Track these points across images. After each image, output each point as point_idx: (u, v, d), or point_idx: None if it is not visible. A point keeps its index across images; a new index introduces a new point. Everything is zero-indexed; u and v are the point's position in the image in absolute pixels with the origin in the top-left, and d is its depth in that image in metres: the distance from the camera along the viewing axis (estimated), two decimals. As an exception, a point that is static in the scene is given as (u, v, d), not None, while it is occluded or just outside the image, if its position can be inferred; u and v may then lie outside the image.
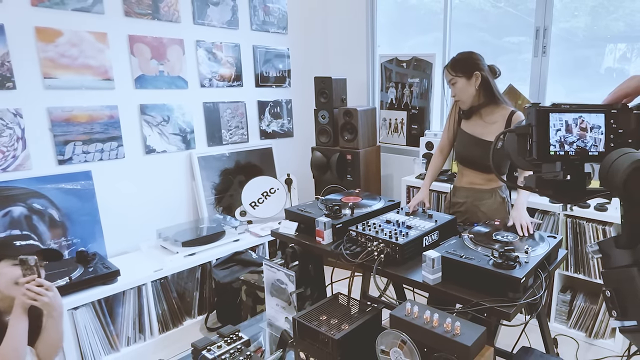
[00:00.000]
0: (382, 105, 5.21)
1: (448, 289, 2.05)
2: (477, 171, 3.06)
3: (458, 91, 2.96)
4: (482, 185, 3.06)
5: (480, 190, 3.07)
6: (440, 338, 1.67)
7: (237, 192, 4.63)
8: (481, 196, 3.06)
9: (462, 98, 2.97)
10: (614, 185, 1.02)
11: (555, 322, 3.74)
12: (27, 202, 3.39)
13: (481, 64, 2.94)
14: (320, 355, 2.00)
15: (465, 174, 3.15)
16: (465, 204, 3.13)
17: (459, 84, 2.93)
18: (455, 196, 3.21)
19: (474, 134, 3.01)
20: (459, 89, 2.95)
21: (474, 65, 2.91)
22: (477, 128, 3.02)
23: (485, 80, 2.92)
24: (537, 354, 2.16)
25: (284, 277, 2.62)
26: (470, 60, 2.94)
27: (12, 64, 3.28)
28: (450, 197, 3.29)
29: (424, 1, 4.89)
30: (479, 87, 2.92)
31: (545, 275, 2.10)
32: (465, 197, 3.13)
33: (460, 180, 3.19)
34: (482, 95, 2.95)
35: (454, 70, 2.94)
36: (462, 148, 3.10)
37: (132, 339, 3.52)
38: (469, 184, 3.12)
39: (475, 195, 3.09)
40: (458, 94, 2.97)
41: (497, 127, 2.93)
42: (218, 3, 4.47)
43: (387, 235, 2.35)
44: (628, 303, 1.02)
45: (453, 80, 2.94)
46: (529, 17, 4.08)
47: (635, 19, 3.62)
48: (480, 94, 2.95)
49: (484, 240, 2.31)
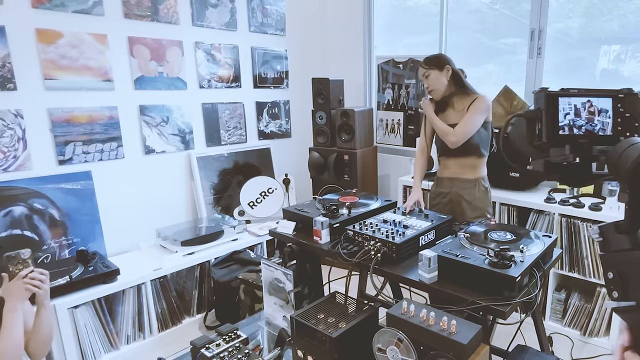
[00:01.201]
0: (379, 106, 5.20)
1: (444, 288, 2.05)
2: (458, 158, 3.17)
3: (431, 82, 3.13)
4: (465, 175, 3.17)
5: (463, 180, 3.17)
6: (436, 336, 1.67)
7: (235, 192, 4.62)
8: (464, 185, 3.17)
9: (435, 87, 3.14)
10: (622, 173, 1.06)
11: (550, 320, 3.74)
12: (28, 202, 3.38)
13: (451, 62, 3.15)
14: (318, 353, 2.00)
15: (448, 166, 3.25)
16: (450, 194, 3.22)
17: (432, 75, 3.11)
18: (439, 186, 3.31)
19: (449, 123, 3.13)
20: (432, 80, 3.12)
21: (445, 61, 3.13)
22: (450, 117, 3.18)
23: (455, 72, 3.14)
24: (532, 352, 2.16)
25: (282, 276, 2.62)
26: (442, 57, 3.18)
27: (13, 65, 3.27)
28: (433, 188, 3.38)
29: (420, 3, 4.89)
30: (450, 78, 3.11)
31: (540, 274, 2.09)
32: (449, 187, 3.23)
33: (443, 172, 3.29)
34: (452, 85, 3.14)
35: (427, 64, 3.14)
36: (439, 140, 3.22)
37: (131, 337, 3.51)
38: (452, 174, 3.22)
39: (458, 185, 3.18)
40: (431, 85, 3.14)
41: (464, 113, 3.10)
42: (217, 5, 4.46)
43: (383, 234, 2.35)
44: (630, 285, 1.04)
45: (427, 73, 3.13)
46: (524, 18, 4.08)
47: (629, 20, 3.62)
48: (451, 84, 3.13)
49: (479, 239, 2.31)
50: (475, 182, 3.14)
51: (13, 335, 2.11)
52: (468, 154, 3.12)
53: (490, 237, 2.35)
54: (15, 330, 2.13)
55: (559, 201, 3.52)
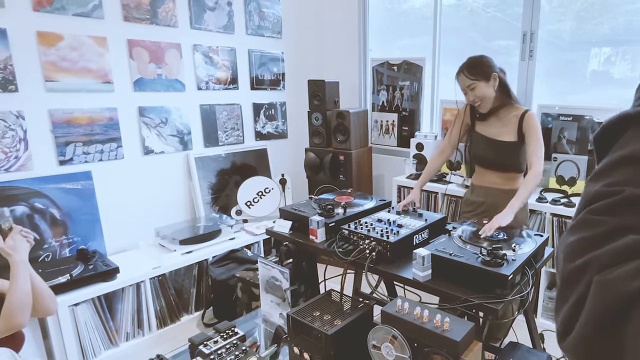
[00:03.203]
0: (374, 108, 5.20)
1: (438, 286, 2.05)
2: (495, 171, 3.04)
3: (479, 95, 2.87)
4: (501, 186, 3.03)
5: (500, 191, 3.03)
6: (430, 333, 1.66)
7: (233, 191, 4.62)
8: (499, 196, 2.99)
9: (483, 101, 2.90)
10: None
11: (541, 318, 3.74)
12: (29, 202, 3.37)
13: (495, 66, 2.90)
14: (314, 350, 1.99)
15: (484, 174, 3.12)
16: (485, 203, 3.09)
17: (479, 88, 2.85)
18: (474, 194, 3.18)
19: (489, 136, 2.99)
20: (480, 93, 2.87)
21: (490, 67, 2.87)
22: (492, 129, 2.99)
23: (502, 81, 2.90)
24: (524, 349, 2.16)
25: (278, 274, 2.61)
26: (487, 62, 2.90)
27: (14, 67, 3.26)
28: (467, 195, 3.26)
29: (414, 6, 4.89)
30: (497, 88, 2.89)
31: (532, 272, 2.09)
32: (484, 195, 3.10)
33: (479, 179, 3.16)
34: (500, 96, 2.92)
35: (472, 74, 2.85)
36: (478, 150, 3.08)
37: (131, 334, 3.50)
38: (489, 184, 3.09)
39: (495, 194, 3.05)
40: (479, 97, 2.89)
41: (511, 127, 2.92)
42: (214, 8, 4.46)
43: (378, 233, 2.34)
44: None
45: (472, 85, 2.85)
46: (516, 21, 4.09)
47: (619, 23, 3.63)
48: (499, 94, 2.92)
49: (472, 238, 2.30)
50: (510, 194, 2.87)
51: (27, 286, 2.19)
52: (507, 170, 3.00)
53: (482, 236, 2.35)
54: (28, 281, 2.21)
55: (550, 201, 3.52)
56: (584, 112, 3.73)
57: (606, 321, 0.50)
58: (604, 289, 0.50)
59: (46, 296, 2.36)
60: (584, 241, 0.56)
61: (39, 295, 2.30)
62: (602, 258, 0.52)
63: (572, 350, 0.55)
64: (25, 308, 2.15)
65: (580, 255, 0.55)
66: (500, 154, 2.96)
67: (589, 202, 0.58)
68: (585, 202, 0.59)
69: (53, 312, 2.49)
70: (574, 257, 0.56)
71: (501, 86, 2.91)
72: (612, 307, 0.49)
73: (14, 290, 2.14)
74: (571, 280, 0.55)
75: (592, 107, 3.72)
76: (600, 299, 0.50)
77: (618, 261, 0.50)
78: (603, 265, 0.51)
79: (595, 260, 0.53)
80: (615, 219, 0.54)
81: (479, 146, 3.07)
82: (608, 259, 0.51)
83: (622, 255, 0.50)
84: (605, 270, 0.51)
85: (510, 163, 2.97)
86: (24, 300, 2.14)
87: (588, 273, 0.53)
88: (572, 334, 0.54)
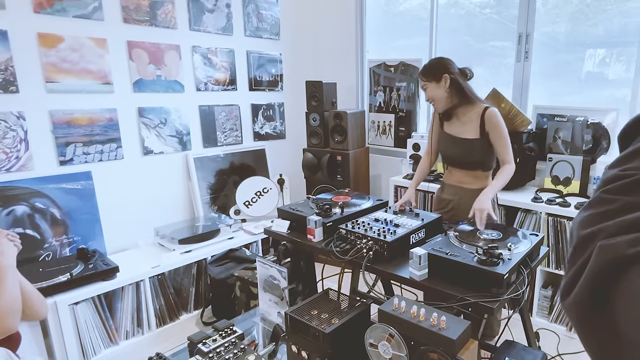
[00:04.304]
0: (371, 108, 5.20)
1: (434, 285, 2.05)
2: (461, 169, 3.06)
3: (430, 95, 2.96)
4: (469, 185, 3.04)
5: (468, 190, 3.04)
6: (426, 332, 1.67)
7: (231, 191, 4.62)
8: (469, 195, 3.01)
9: (435, 101, 2.97)
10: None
11: (537, 316, 3.74)
12: (30, 201, 3.37)
13: (451, 67, 2.92)
14: (311, 348, 1.99)
15: (453, 172, 3.13)
16: (453, 202, 3.10)
17: (429, 89, 2.93)
18: (444, 192, 3.19)
19: (453, 134, 3.02)
20: (430, 93, 2.95)
21: (442, 69, 2.90)
22: (455, 128, 3.03)
23: (455, 81, 2.90)
24: (519, 347, 2.16)
25: (276, 273, 2.61)
26: (439, 64, 2.94)
27: (15, 68, 3.26)
28: (438, 193, 3.27)
29: (410, 8, 4.89)
30: (450, 88, 2.90)
31: (528, 271, 2.10)
32: (453, 194, 3.11)
33: (449, 178, 3.17)
34: (454, 96, 2.94)
35: (425, 75, 2.94)
36: (444, 148, 3.12)
37: (130, 332, 3.50)
38: (457, 182, 3.10)
39: (463, 193, 3.06)
40: (431, 97, 2.97)
41: (473, 125, 2.94)
42: (213, 10, 4.45)
43: (375, 233, 2.34)
44: None
45: (425, 85, 2.95)
46: (512, 23, 4.09)
47: (613, 24, 3.63)
48: (452, 95, 2.93)
49: (468, 237, 2.31)
50: (479, 193, 2.93)
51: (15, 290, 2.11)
52: (473, 167, 3.02)
53: (479, 236, 2.35)
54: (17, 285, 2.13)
55: (546, 200, 3.52)
56: (578, 113, 3.73)
57: (599, 281, 0.55)
58: (604, 251, 0.55)
59: (35, 300, 2.30)
60: (597, 215, 0.60)
61: (28, 299, 2.24)
62: (610, 228, 0.57)
63: (569, 309, 0.60)
64: (15, 312, 2.08)
65: (592, 227, 0.60)
66: (463, 151, 2.98)
67: (605, 184, 0.63)
68: (602, 183, 0.64)
69: (44, 316, 2.44)
70: (585, 227, 0.61)
71: (455, 87, 2.92)
72: (606, 268, 0.54)
73: (2, 295, 2.06)
74: (580, 247, 0.60)
75: (586, 108, 3.73)
76: (598, 259, 0.55)
77: (623, 232, 0.55)
78: (609, 234, 0.56)
79: (604, 229, 0.57)
80: (627, 198, 0.59)
81: (445, 145, 3.10)
82: (615, 229, 0.56)
83: (628, 227, 0.55)
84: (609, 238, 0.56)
85: (474, 161, 2.98)
86: (13, 304, 2.07)
87: (595, 241, 0.57)
88: (571, 295, 0.59)
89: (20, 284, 2.19)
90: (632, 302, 0.51)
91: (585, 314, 0.58)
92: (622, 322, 0.52)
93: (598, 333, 0.57)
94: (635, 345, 0.50)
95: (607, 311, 0.54)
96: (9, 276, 2.10)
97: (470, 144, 2.95)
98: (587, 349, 0.61)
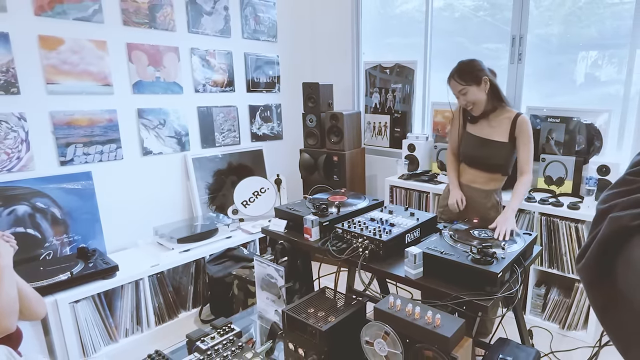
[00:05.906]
0: (367, 110, 5.21)
1: (429, 284, 2.05)
2: (481, 171, 3.03)
3: (470, 99, 2.86)
4: (480, 185, 3.04)
5: (477, 190, 3.04)
6: (421, 330, 1.67)
7: (229, 191, 4.61)
8: (477, 195, 3.04)
9: (475, 105, 2.89)
10: None
11: (530, 314, 3.74)
12: (31, 201, 3.36)
13: (485, 69, 2.87)
14: (308, 345, 1.99)
15: (468, 172, 3.10)
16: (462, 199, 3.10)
17: (470, 92, 2.83)
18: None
19: (482, 135, 2.97)
20: (471, 97, 2.85)
21: (480, 71, 2.84)
22: (484, 130, 2.97)
23: (493, 84, 2.87)
24: (513, 345, 2.17)
25: (273, 272, 2.62)
26: (476, 66, 2.86)
27: (16, 70, 3.25)
28: (446, 190, 3.25)
29: (405, 10, 4.89)
30: (488, 91, 2.86)
31: (521, 270, 2.10)
32: (463, 192, 3.10)
33: (461, 177, 3.15)
34: (491, 99, 2.89)
35: (463, 79, 2.83)
36: (469, 148, 3.05)
37: (130, 330, 3.49)
38: (469, 182, 3.09)
39: (471, 193, 3.06)
40: (470, 102, 2.87)
41: (502, 129, 2.91)
42: (211, 13, 4.45)
43: (371, 232, 2.35)
44: None
45: (464, 90, 2.84)
46: (505, 26, 4.09)
47: (605, 26, 3.64)
48: (490, 98, 2.89)
49: (463, 237, 2.31)
50: (488, 194, 3.02)
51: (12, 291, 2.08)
52: (494, 170, 2.99)
53: (473, 235, 2.36)
54: (14, 286, 2.10)
55: (539, 200, 3.53)
56: (571, 114, 3.74)
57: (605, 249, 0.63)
58: (613, 221, 0.63)
59: (33, 300, 2.27)
60: (617, 193, 0.68)
61: (25, 299, 2.22)
62: (624, 203, 0.64)
63: (581, 271, 0.69)
64: (12, 313, 2.06)
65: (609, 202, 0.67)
66: (491, 153, 2.94)
67: (629, 168, 0.70)
68: (628, 168, 0.70)
69: (42, 316, 2.41)
70: (604, 203, 0.69)
71: (492, 89, 2.87)
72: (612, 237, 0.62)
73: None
74: (596, 220, 0.68)
75: (579, 109, 3.74)
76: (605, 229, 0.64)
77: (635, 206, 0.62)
78: (622, 208, 0.63)
79: (619, 204, 0.65)
80: None
81: (469, 145, 3.05)
82: (628, 204, 0.63)
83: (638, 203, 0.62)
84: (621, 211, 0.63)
85: (499, 163, 2.96)
86: (10, 304, 2.05)
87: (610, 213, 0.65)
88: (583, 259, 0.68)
89: (17, 285, 2.17)
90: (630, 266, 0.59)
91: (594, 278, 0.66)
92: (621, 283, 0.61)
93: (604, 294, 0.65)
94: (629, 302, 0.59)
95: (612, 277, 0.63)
96: (6, 277, 2.08)
97: (498, 147, 2.93)
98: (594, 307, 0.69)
